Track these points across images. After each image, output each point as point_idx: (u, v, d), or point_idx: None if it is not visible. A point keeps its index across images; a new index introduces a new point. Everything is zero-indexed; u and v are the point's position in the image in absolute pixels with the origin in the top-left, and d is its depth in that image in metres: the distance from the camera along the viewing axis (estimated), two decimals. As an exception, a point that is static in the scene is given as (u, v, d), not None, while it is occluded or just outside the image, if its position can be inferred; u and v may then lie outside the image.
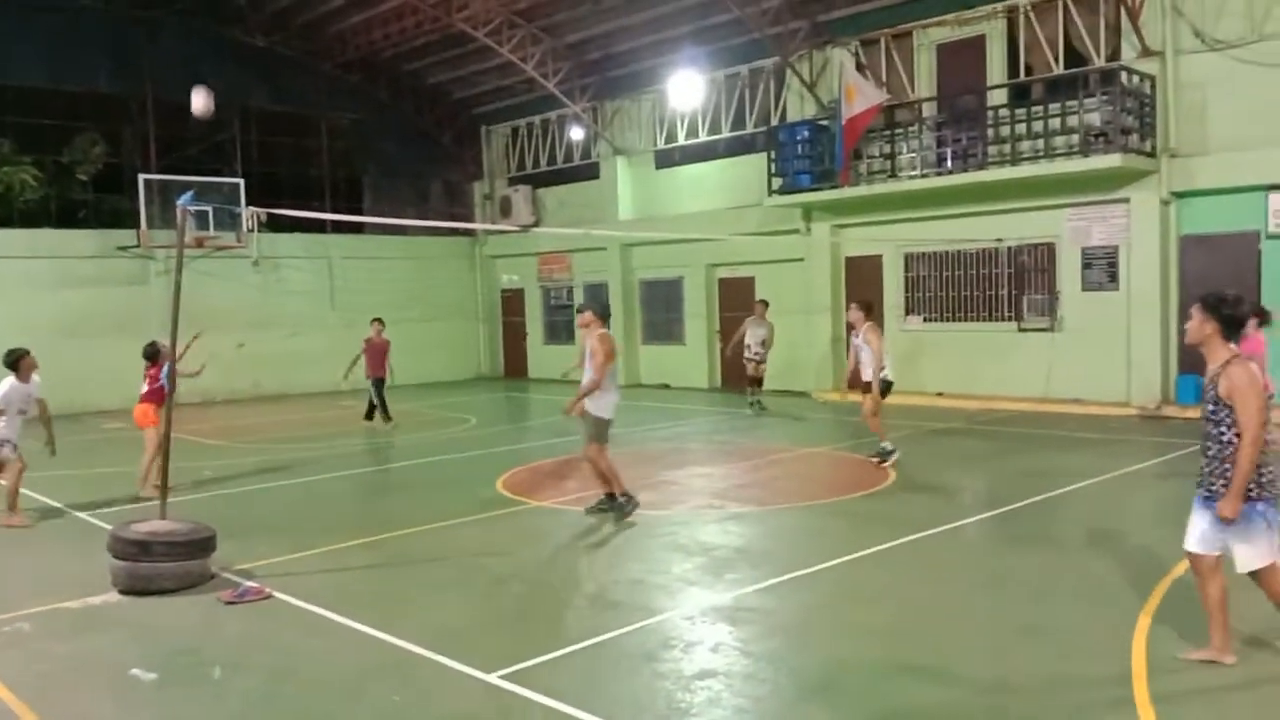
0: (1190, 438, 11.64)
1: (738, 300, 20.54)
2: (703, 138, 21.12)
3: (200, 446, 13.98)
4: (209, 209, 18.86)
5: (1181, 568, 6.77)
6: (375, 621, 6.12)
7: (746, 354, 16.59)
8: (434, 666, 5.42)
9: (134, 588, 6.84)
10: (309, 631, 6.16)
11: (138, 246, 19.75)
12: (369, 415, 15.84)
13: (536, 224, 23.59)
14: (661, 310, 22.22)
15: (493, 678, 5.18)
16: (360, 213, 23.62)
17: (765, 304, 17.06)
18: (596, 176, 23.06)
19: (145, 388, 10.65)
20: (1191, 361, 14.47)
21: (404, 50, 22.69)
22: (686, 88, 19.40)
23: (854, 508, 9.26)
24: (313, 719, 4.87)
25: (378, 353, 15.70)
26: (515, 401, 21.24)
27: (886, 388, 11.21)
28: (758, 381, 16.72)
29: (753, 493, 10.18)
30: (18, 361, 9.41)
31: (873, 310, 11.57)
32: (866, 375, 11.16)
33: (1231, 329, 4.87)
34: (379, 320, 16.13)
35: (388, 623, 6.09)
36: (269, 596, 6.76)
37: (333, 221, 21.02)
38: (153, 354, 10.54)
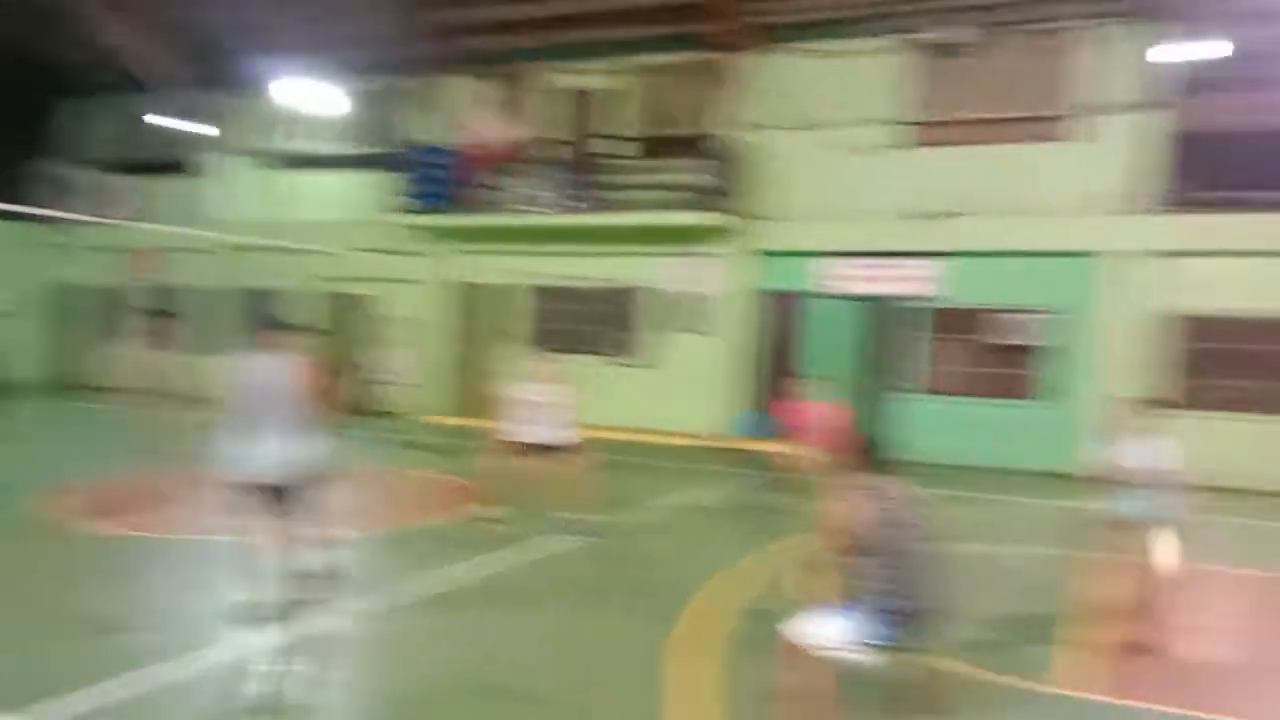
0: (757, 467, 12.99)
1: (354, 317, 19.97)
2: (327, 146, 20.37)
3: None
4: None
5: (711, 587, 7.52)
6: None
7: (371, 377, 16.57)
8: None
9: None
10: None
11: None
12: None
13: (131, 215, 21.36)
14: (269, 323, 20.98)
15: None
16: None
17: (389, 323, 16.72)
18: (204, 172, 21.42)
19: None
20: (762, 400, 16.21)
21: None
22: (313, 93, 18.60)
23: (440, 531, 9.26)
24: None
25: None
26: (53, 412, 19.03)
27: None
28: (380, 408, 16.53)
29: (354, 514, 9.85)
30: None
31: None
32: (546, 437, 9.00)
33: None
34: None
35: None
36: None
37: None
38: None
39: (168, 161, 21.96)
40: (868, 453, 4.80)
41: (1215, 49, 13.77)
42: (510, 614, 6.80)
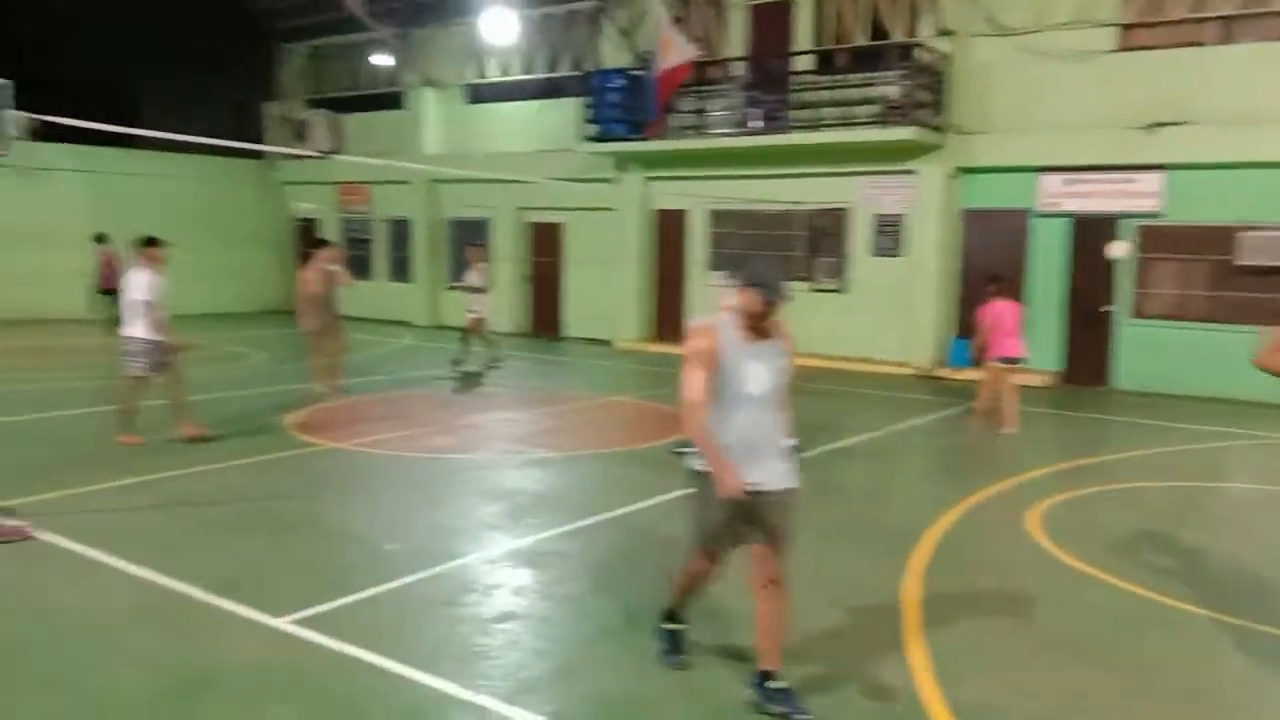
0: (960, 397, 12.59)
1: (547, 245, 20.46)
2: (516, 76, 20.72)
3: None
4: (-38, 109, 16.82)
5: (948, 520, 7.35)
6: (151, 564, 5.76)
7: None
8: (216, 611, 5.15)
9: None
10: (77, 573, 5.72)
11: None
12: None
13: (336, 151, 22.48)
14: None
15: (282, 623, 4.98)
16: (141, 126, 21.76)
17: (479, 247, 15.98)
18: (403, 106, 22.22)
19: None
20: (965, 327, 15.59)
21: (195, -47, 20.93)
22: (501, 23, 18.86)
23: (653, 455, 9.43)
24: (76, 665, 4.52)
25: (112, 265, 16.48)
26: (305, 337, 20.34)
27: None
28: (476, 334, 14.98)
29: (556, 438, 10.21)
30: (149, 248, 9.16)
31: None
32: None
33: None
34: (104, 236, 16.93)
35: (165, 565, 5.73)
36: (31, 536, 6.22)
37: (107, 134, 19.28)
38: None
39: (374, 97, 22.93)
40: None
41: None
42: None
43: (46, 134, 17.30)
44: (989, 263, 15.28)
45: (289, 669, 4.56)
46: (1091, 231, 14.57)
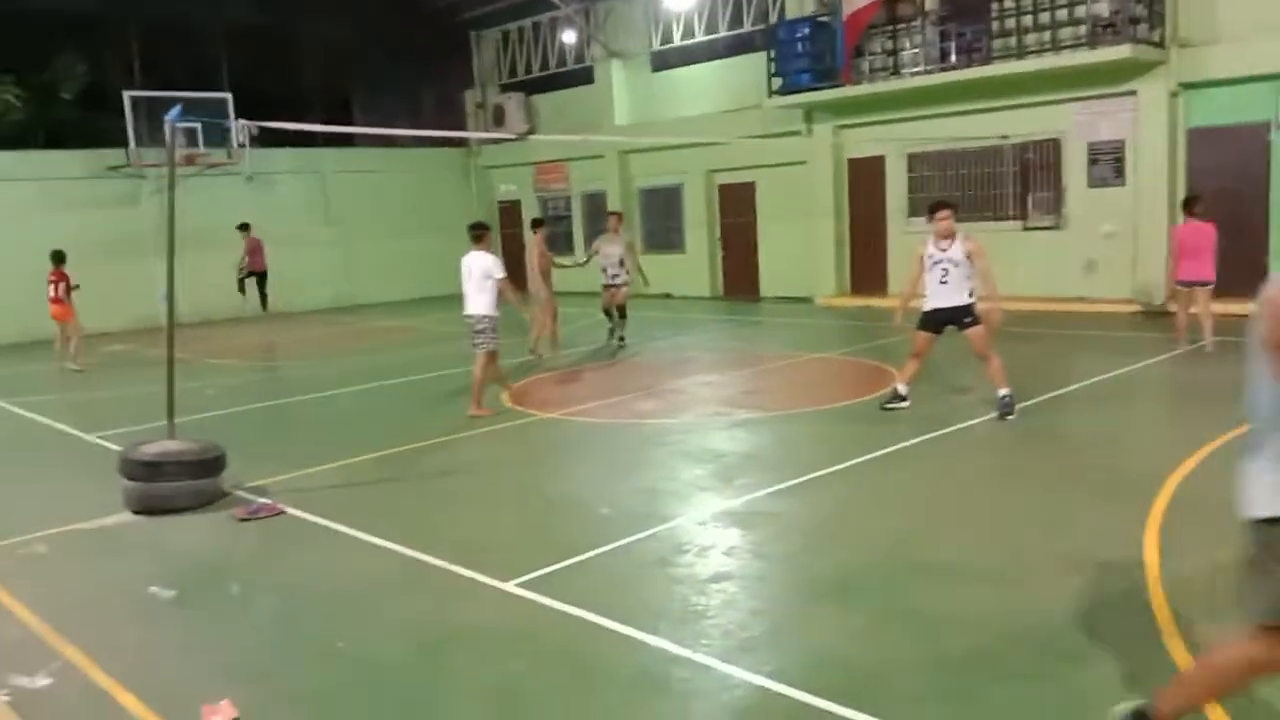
0: (1195, 333, 11.61)
1: (739, 207, 20.31)
2: (699, 38, 20.59)
3: (204, 366, 13.96)
4: (197, 125, 18.47)
5: (1187, 467, 6.80)
6: (390, 534, 6.16)
7: (603, 278, 14.24)
8: (451, 577, 5.46)
9: (147, 508, 6.87)
10: (324, 546, 6.20)
11: (128, 166, 19.40)
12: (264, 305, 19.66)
13: (531, 132, 23.14)
14: (662, 218, 21.94)
15: (510, 586, 5.22)
16: (353, 125, 23.19)
17: (619, 217, 15.23)
18: (591, 81, 22.55)
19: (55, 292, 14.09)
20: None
21: (387, -45, 21.97)
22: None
23: (862, 411, 9.24)
24: (332, 632, 4.90)
25: (258, 250, 19.31)
26: (513, 315, 21.12)
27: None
28: (619, 309, 14.26)
29: (760, 399, 10.18)
30: (483, 233, 10.02)
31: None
32: (952, 299, 8.62)
33: None
34: (248, 225, 19.53)
35: (402, 535, 6.12)
36: (282, 512, 6.79)
37: (324, 135, 20.70)
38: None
39: (563, 75, 23.44)
40: None
41: None
42: (936, 492, 6.67)
43: (270, 140, 18.90)
44: (1223, 185, 13.98)
45: (522, 630, 4.77)
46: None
